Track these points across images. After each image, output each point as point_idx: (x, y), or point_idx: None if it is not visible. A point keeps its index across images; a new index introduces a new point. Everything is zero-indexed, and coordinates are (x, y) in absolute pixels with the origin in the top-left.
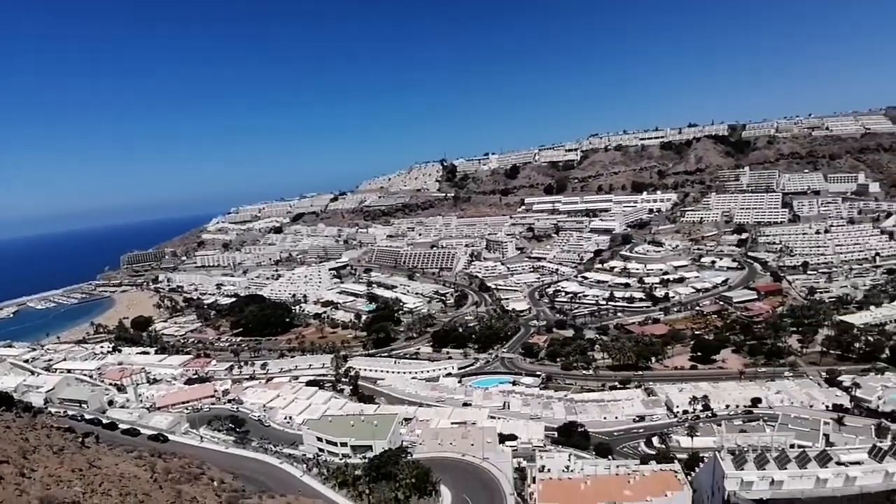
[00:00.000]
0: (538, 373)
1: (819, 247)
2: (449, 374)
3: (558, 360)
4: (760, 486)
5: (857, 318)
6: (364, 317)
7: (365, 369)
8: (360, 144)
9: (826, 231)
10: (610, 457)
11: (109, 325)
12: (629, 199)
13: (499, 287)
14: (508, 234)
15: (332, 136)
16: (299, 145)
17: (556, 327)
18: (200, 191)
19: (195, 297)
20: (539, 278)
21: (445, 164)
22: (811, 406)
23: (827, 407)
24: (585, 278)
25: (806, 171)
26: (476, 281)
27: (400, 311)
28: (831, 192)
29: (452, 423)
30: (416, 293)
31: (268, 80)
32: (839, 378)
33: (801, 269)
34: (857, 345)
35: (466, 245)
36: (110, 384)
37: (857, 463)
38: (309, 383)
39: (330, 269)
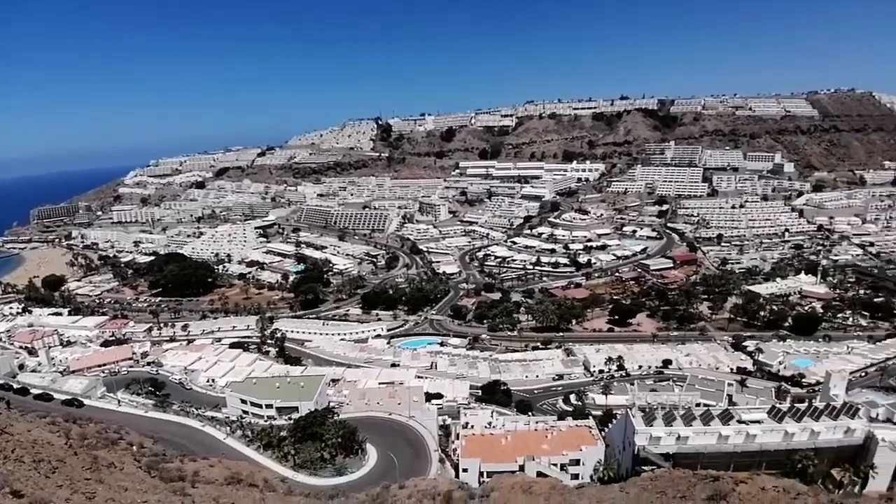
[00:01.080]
0: (466, 334)
1: (734, 221)
2: (378, 336)
3: (485, 321)
4: (667, 442)
5: (764, 289)
6: (292, 278)
7: (292, 331)
8: (290, 98)
9: (741, 206)
10: (530, 413)
11: (18, 284)
12: (560, 167)
13: (430, 250)
14: (442, 198)
15: (261, 89)
16: (224, 97)
17: (485, 290)
18: (118, 142)
19: (111, 255)
20: (470, 242)
21: (380, 122)
22: (717, 368)
23: (732, 369)
24: (514, 243)
25: (727, 148)
26: (408, 243)
27: (329, 273)
28: (749, 170)
29: (380, 384)
30: (347, 254)
31: (191, 27)
32: (744, 343)
33: (715, 241)
34: (762, 313)
35: (399, 207)
36: (21, 347)
37: (758, 422)
38: (233, 345)
39: (256, 228)
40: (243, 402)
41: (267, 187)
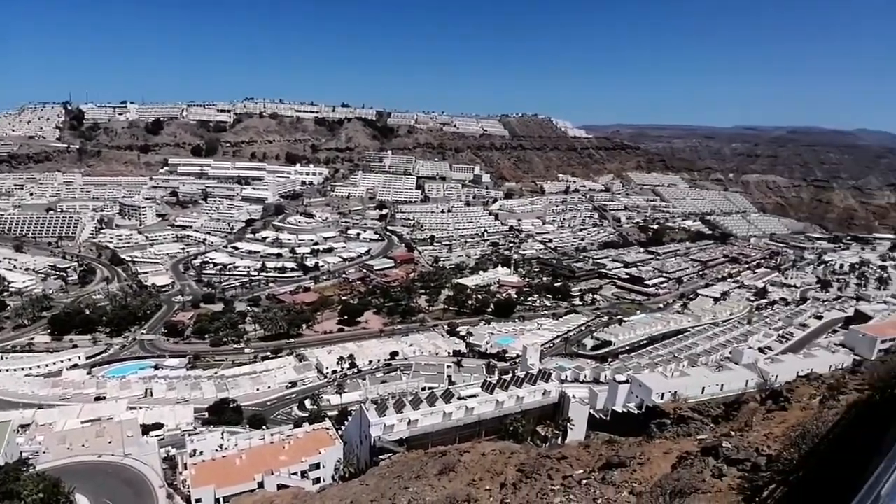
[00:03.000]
0: (185, 353)
1: (443, 223)
2: (75, 366)
3: (207, 336)
4: (400, 428)
5: (470, 281)
6: None
7: None
8: None
9: (449, 211)
10: (264, 427)
11: None
12: (283, 169)
13: (136, 259)
14: (148, 199)
15: None
16: None
17: (204, 302)
18: None
19: None
20: (184, 249)
21: (70, 108)
22: (437, 354)
23: (449, 353)
24: (236, 248)
25: (436, 159)
26: (107, 252)
27: (5, 293)
28: (454, 179)
29: (83, 423)
30: (27, 269)
31: None
32: (458, 329)
33: (429, 242)
34: (470, 302)
35: (94, 209)
36: None
37: (474, 396)
38: None
39: None
40: None
41: None
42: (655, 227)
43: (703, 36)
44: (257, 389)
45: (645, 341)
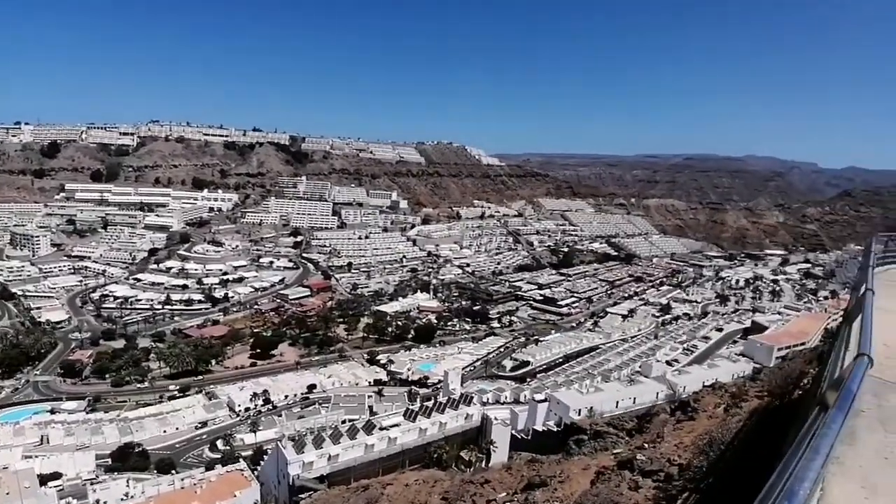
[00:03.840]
0: (84, 394)
1: (361, 250)
2: None
3: (108, 376)
4: (320, 464)
5: (390, 308)
6: None
7: None
8: None
9: (366, 237)
10: (174, 471)
11: None
12: (190, 195)
13: (28, 293)
14: (42, 227)
15: None
16: None
17: (105, 338)
18: None
19: None
20: (82, 281)
21: None
22: (357, 384)
23: (370, 382)
24: (139, 280)
25: (353, 185)
26: None
27: None
28: (371, 205)
29: None
30: None
31: None
32: (378, 357)
33: (346, 269)
34: (390, 329)
35: None
36: None
37: (396, 425)
38: None
39: None
40: None
41: None
42: (566, 249)
43: (604, 72)
44: (164, 431)
45: (561, 359)
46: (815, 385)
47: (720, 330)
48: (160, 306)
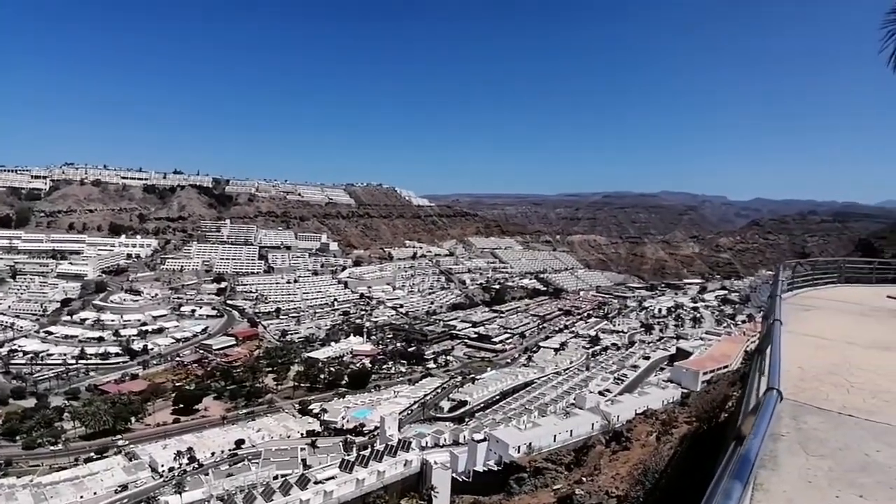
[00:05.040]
0: None
1: (290, 294)
2: None
3: (18, 438)
4: None
5: (322, 353)
6: None
7: None
8: None
9: (295, 281)
10: None
11: None
12: (106, 241)
13: None
14: None
15: None
16: None
17: (14, 397)
18: None
19: None
20: None
21: None
22: (289, 436)
23: (302, 434)
24: (50, 333)
25: (280, 228)
26: None
27: None
28: (300, 248)
29: None
30: None
31: None
32: (310, 407)
33: (275, 315)
34: (322, 376)
35: None
36: None
37: (332, 478)
38: None
39: None
40: None
41: None
42: (497, 286)
43: (525, 113)
44: (81, 497)
45: (498, 397)
46: (738, 408)
47: (647, 358)
48: (74, 361)
